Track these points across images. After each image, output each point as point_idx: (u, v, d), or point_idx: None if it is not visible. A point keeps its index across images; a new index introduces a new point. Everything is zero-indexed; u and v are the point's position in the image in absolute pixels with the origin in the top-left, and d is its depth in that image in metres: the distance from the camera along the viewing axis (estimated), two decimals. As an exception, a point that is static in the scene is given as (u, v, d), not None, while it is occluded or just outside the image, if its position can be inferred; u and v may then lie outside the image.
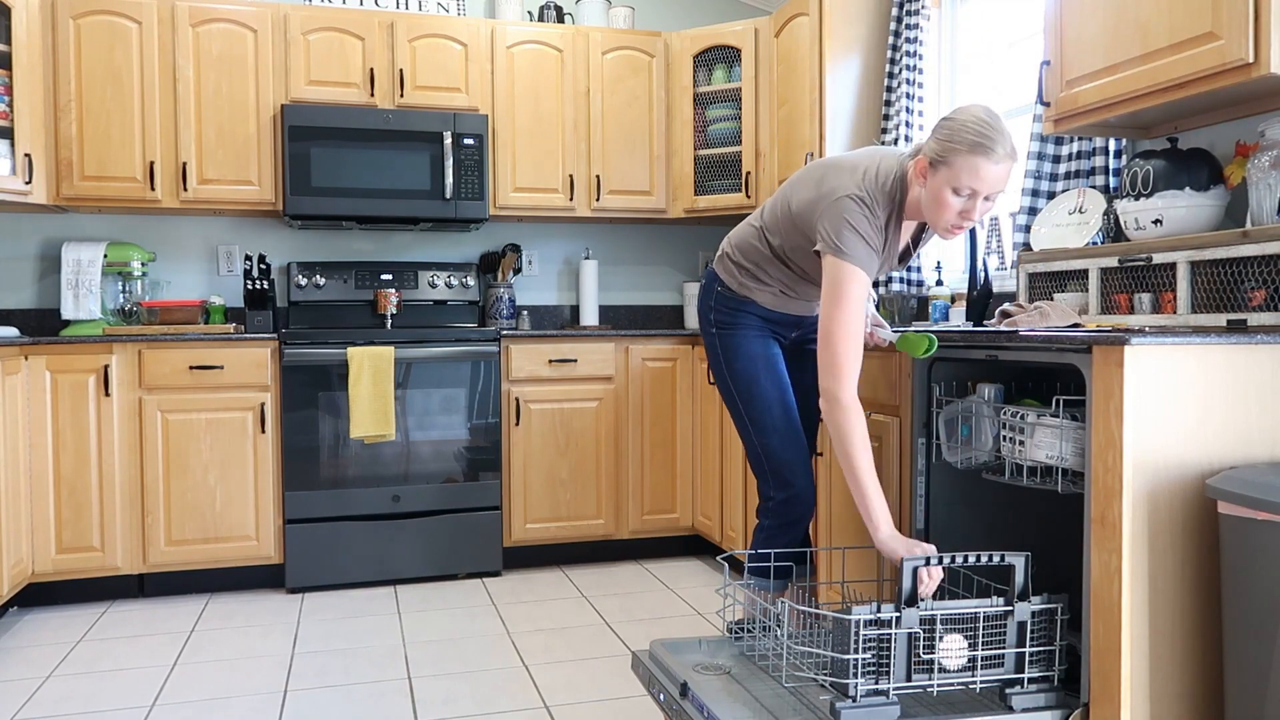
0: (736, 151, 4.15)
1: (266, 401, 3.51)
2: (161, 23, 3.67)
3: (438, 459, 3.68)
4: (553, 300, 4.49)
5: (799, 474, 2.26)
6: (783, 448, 2.25)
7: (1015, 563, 1.79)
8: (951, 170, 1.90)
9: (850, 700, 1.71)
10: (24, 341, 3.24)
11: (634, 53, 4.19)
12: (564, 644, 2.97)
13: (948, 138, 1.90)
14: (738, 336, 2.29)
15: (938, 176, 1.93)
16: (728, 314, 2.30)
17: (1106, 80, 2.21)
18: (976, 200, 1.93)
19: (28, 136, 3.42)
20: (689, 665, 2.01)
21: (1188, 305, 2.15)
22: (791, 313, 2.30)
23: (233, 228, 4.09)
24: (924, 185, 1.97)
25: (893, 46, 3.54)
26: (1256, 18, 1.84)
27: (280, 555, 3.56)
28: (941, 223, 1.97)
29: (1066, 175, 2.75)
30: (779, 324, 2.32)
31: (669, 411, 3.98)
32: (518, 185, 4.07)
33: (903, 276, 3.48)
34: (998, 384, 2.13)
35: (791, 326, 2.34)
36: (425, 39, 3.92)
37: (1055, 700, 1.78)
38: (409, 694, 2.58)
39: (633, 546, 4.04)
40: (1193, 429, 1.69)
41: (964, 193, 1.92)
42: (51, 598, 3.44)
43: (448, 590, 3.58)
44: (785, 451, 2.25)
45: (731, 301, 2.29)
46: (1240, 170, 2.20)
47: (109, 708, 2.51)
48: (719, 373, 2.33)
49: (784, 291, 2.26)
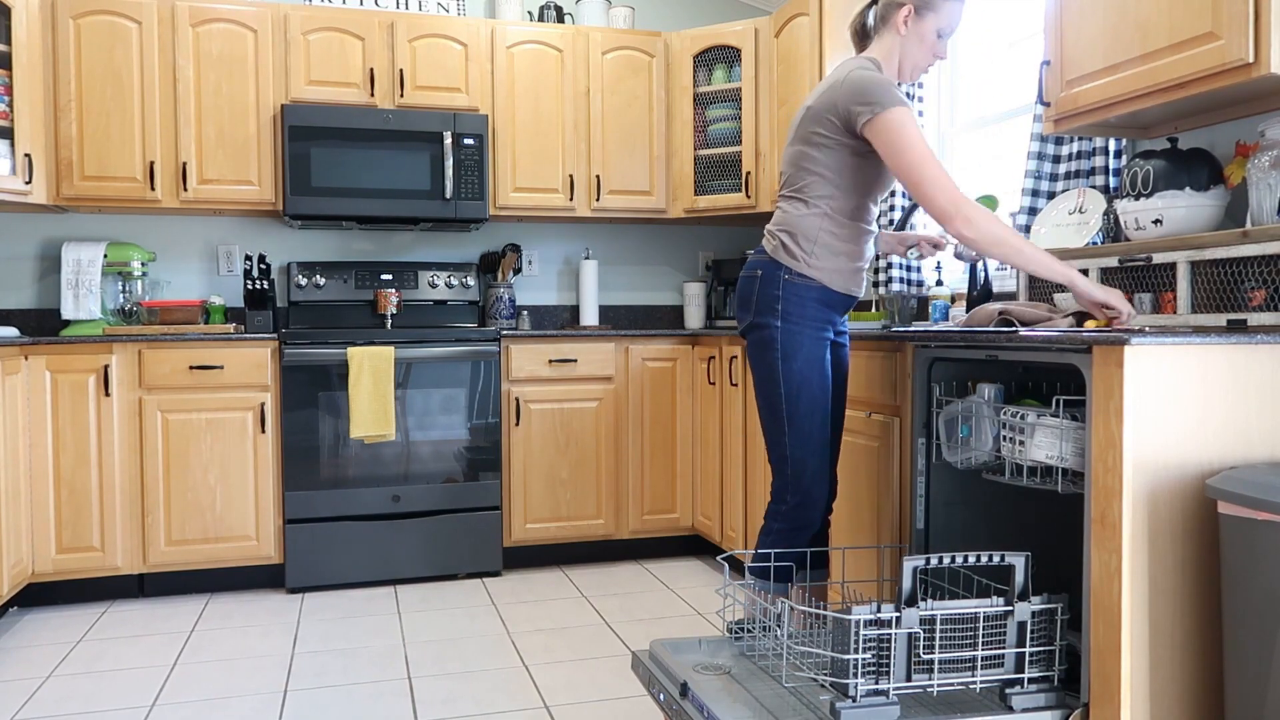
0: (736, 151, 4.15)
1: (266, 401, 3.51)
2: (161, 23, 3.67)
3: (438, 459, 3.68)
4: (553, 300, 4.49)
5: (820, 483, 2.26)
6: (812, 455, 2.24)
7: (1015, 563, 1.79)
8: (939, 15, 2.24)
9: (850, 700, 1.71)
10: (24, 341, 3.24)
11: (634, 53, 4.19)
12: (564, 644, 2.97)
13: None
14: (804, 333, 2.23)
15: (925, 22, 2.24)
16: (796, 304, 2.23)
17: (1106, 80, 2.21)
18: (945, 40, 2.28)
19: (28, 136, 3.42)
20: (689, 665, 2.01)
21: (1188, 305, 2.15)
22: (852, 291, 2.29)
23: (233, 228, 4.09)
24: (905, 34, 2.25)
25: (893, 46, 3.54)
26: (1256, 18, 1.84)
27: (280, 555, 3.56)
28: (922, 64, 2.29)
29: (1066, 175, 2.75)
30: (837, 309, 2.28)
31: (669, 411, 3.98)
32: (518, 185, 4.07)
33: (903, 276, 3.48)
34: (998, 384, 2.12)
35: (843, 311, 2.32)
36: (425, 39, 3.92)
37: (1055, 700, 1.78)
38: (409, 694, 2.58)
39: (633, 546, 4.04)
40: (1193, 429, 1.69)
41: (945, 34, 2.26)
42: (51, 598, 3.44)
43: (448, 590, 3.58)
44: (813, 459, 2.25)
45: (801, 289, 2.23)
46: (1240, 170, 2.20)
47: (109, 708, 2.51)
48: (768, 367, 2.26)
49: (849, 255, 2.25)
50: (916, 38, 2.24)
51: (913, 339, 2.36)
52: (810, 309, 2.24)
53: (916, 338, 2.34)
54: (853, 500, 2.68)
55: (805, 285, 2.23)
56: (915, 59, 2.27)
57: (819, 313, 2.24)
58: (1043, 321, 2.24)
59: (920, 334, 2.32)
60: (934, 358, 2.30)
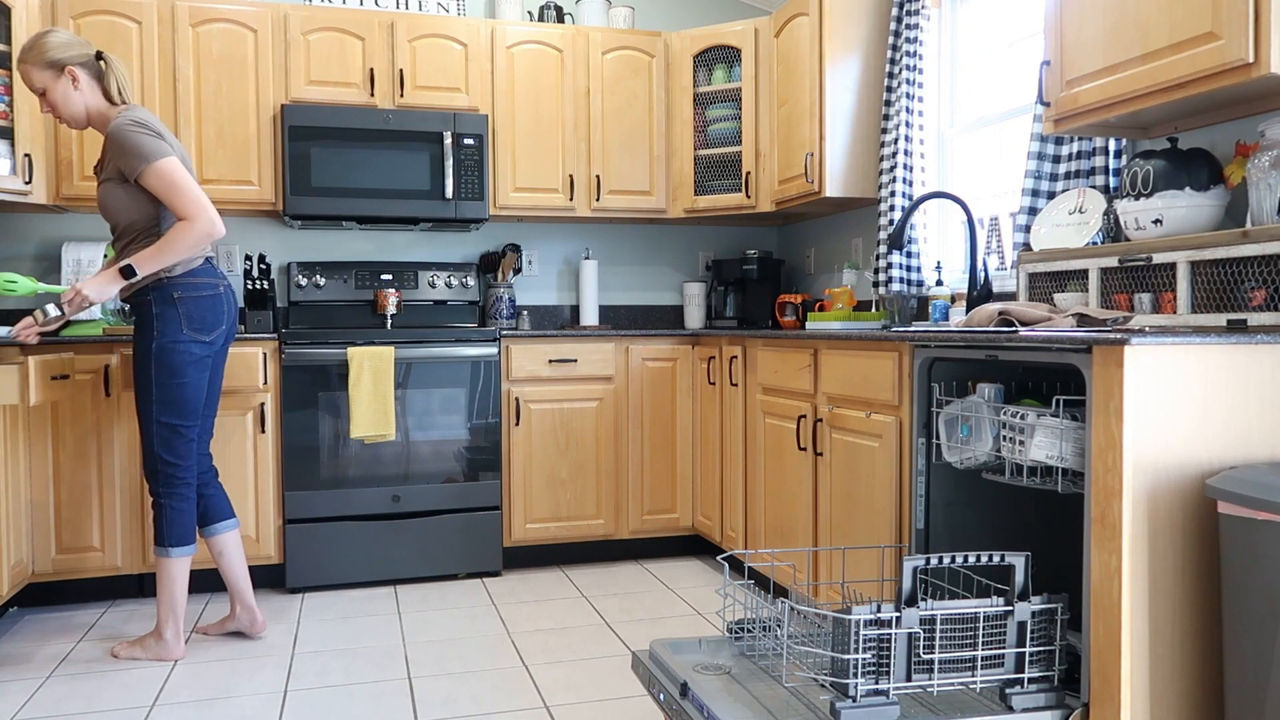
0: (736, 151, 4.15)
1: (266, 401, 3.51)
2: (161, 23, 3.67)
3: (438, 459, 3.68)
4: (553, 300, 4.49)
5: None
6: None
7: (1015, 563, 1.80)
8: (87, 70, 2.77)
9: (850, 700, 1.71)
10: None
11: (634, 53, 4.19)
12: (564, 644, 2.97)
13: (75, 48, 2.75)
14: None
15: (86, 77, 2.76)
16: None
17: (1106, 80, 2.21)
18: None
19: (28, 136, 3.42)
20: (689, 665, 2.01)
21: (1188, 305, 2.16)
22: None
23: (233, 227, 4.09)
24: (81, 89, 2.76)
25: (893, 46, 3.54)
26: (1256, 18, 1.84)
27: (280, 555, 3.56)
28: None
29: (1066, 175, 2.75)
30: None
31: (669, 411, 3.98)
32: (518, 185, 4.07)
33: (903, 277, 3.48)
34: (998, 384, 2.13)
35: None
36: (425, 39, 3.93)
37: (1055, 700, 1.79)
38: (409, 694, 2.58)
39: (633, 546, 4.04)
40: (1193, 429, 1.69)
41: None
42: (51, 598, 3.44)
43: (448, 590, 3.58)
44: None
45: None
46: (1240, 170, 2.20)
47: (109, 708, 2.51)
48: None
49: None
50: (88, 90, 2.82)
51: (913, 339, 2.36)
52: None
53: (916, 338, 2.34)
54: (852, 500, 2.68)
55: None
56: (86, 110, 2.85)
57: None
58: (1043, 321, 2.24)
59: (920, 334, 2.32)
60: (934, 358, 2.30)
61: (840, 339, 2.76)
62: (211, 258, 2.88)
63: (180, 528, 2.84)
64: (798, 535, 3.05)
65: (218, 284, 2.86)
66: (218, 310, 2.85)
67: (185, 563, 2.86)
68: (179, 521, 2.84)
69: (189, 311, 2.78)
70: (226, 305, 2.88)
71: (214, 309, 2.84)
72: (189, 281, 2.79)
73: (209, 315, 2.82)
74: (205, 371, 2.85)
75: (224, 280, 2.90)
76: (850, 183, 3.67)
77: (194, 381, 2.82)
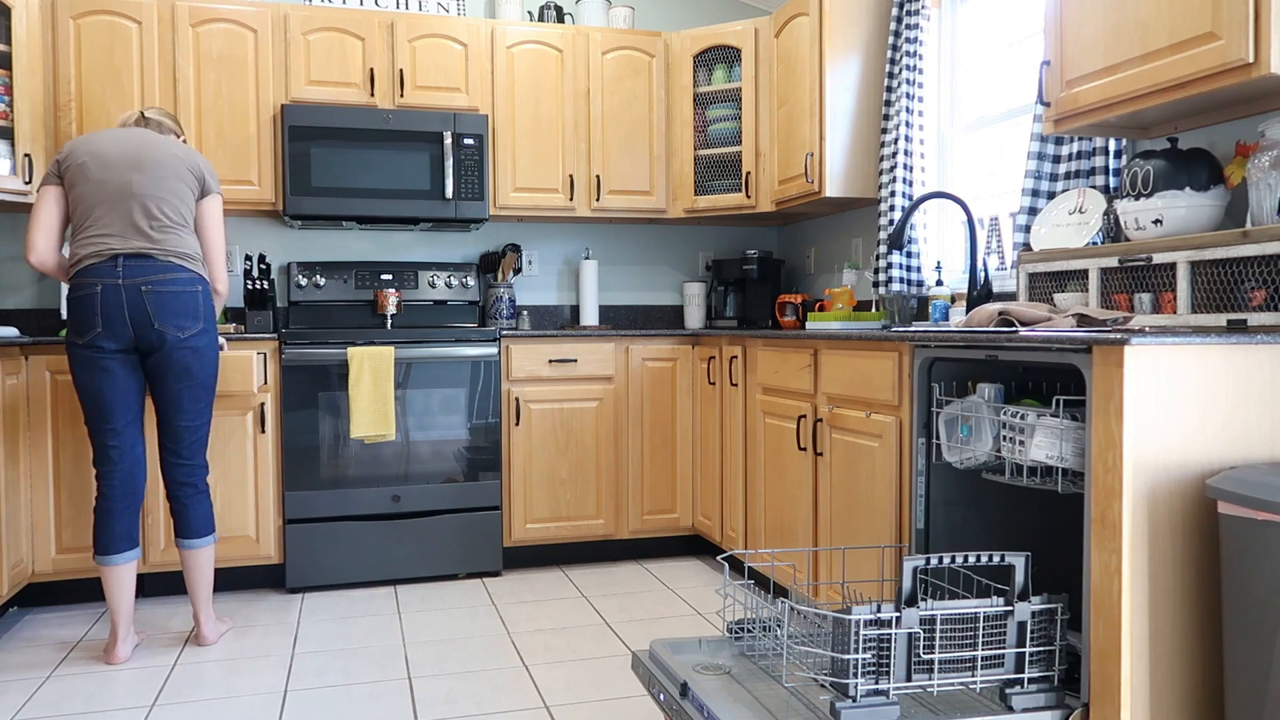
0: (736, 151, 4.15)
1: (266, 401, 3.51)
2: (161, 22, 3.67)
3: (438, 459, 3.68)
4: (553, 300, 4.49)
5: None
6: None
7: (1015, 563, 1.80)
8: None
9: (850, 700, 1.71)
10: (24, 341, 3.23)
11: (634, 53, 4.19)
12: (564, 644, 2.97)
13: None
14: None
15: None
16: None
17: (1106, 80, 2.21)
18: None
19: (28, 136, 3.42)
20: (689, 665, 2.01)
21: (1188, 305, 2.16)
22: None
23: (233, 227, 4.09)
24: None
25: (893, 46, 3.54)
26: (1256, 18, 1.84)
27: (280, 555, 3.56)
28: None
29: (1066, 175, 2.75)
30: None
31: (669, 411, 3.98)
32: (518, 185, 4.07)
33: (903, 277, 3.48)
34: (998, 384, 2.13)
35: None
36: (425, 39, 3.93)
37: (1055, 700, 1.79)
38: (409, 694, 2.58)
39: (633, 546, 4.04)
40: (1193, 429, 1.69)
41: None
42: (51, 598, 3.44)
43: (448, 590, 3.58)
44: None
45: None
46: (1240, 170, 2.20)
47: (109, 708, 2.51)
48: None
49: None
50: None
51: (913, 339, 2.36)
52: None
53: (916, 338, 2.34)
54: (852, 500, 2.68)
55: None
56: None
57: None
58: (1043, 321, 2.24)
59: (920, 334, 2.32)
60: (934, 358, 2.30)
61: (840, 339, 2.76)
62: (112, 257, 2.77)
63: (101, 535, 2.82)
64: (798, 535, 3.05)
65: (96, 283, 2.74)
66: (87, 310, 2.75)
67: (108, 571, 2.81)
68: (97, 526, 2.83)
69: (70, 313, 2.79)
70: (102, 305, 2.74)
71: (81, 309, 2.76)
72: (71, 283, 2.81)
73: (78, 316, 2.77)
74: (99, 374, 2.78)
75: (108, 280, 2.74)
76: (850, 183, 3.68)
77: (85, 384, 2.79)
